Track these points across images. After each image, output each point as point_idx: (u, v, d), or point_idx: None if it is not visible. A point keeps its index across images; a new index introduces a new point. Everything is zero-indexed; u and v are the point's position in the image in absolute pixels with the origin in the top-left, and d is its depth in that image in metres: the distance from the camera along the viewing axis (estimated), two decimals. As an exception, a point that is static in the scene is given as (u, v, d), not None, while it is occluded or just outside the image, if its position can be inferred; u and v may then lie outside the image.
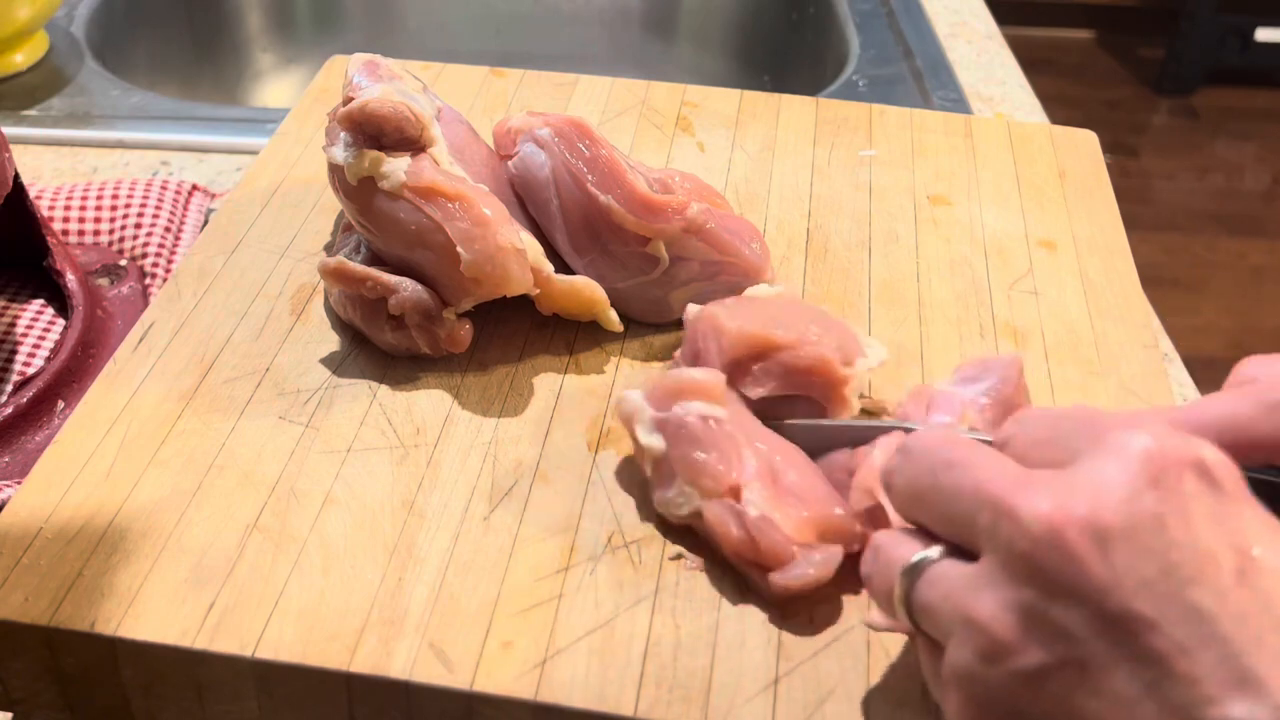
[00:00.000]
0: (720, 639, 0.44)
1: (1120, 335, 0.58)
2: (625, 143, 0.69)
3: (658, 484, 0.47)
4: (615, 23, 1.27)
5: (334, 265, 0.53)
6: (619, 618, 0.44)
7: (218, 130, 0.89)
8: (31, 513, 0.47)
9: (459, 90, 0.73)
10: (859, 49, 1.05)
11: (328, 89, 0.73)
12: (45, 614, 0.44)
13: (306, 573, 0.45)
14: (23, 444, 0.61)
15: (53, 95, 0.93)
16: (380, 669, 0.42)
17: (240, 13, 1.21)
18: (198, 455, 0.50)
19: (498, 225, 0.51)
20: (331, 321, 0.57)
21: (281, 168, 0.66)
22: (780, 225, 0.64)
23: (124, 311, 0.69)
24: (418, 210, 0.51)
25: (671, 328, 0.57)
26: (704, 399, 0.47)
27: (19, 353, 0.68)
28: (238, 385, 0.53)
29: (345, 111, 0.52)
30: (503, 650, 0.43)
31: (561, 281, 0.54)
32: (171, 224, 0.76)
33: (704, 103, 0.73)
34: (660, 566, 0.46)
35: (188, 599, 0.44)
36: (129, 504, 0.47)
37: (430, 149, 0.53)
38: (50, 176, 0.84)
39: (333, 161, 0.53)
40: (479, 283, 0.51)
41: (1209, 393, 0.60)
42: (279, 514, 0.47)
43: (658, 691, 0.42)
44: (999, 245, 0.64)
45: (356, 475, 0.49)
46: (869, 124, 0.72)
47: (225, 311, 0.57)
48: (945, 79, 1.00)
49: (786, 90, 0.77)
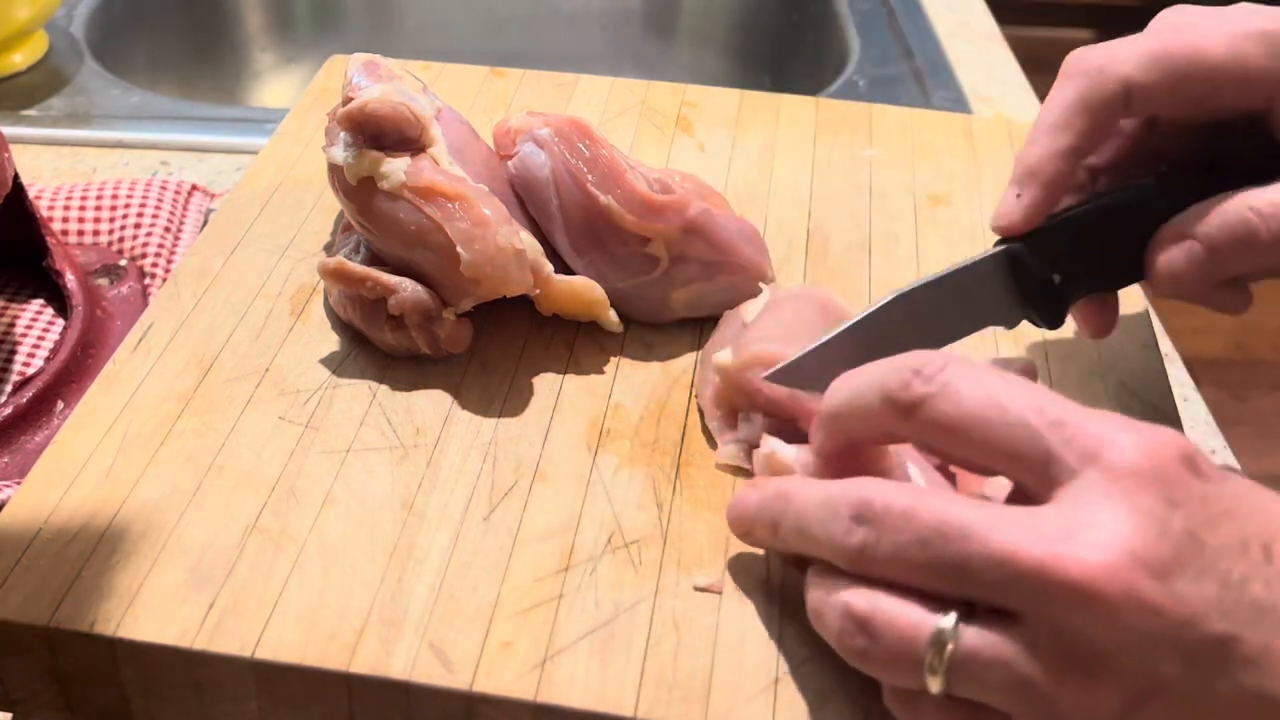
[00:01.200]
0: (720, 639, 0.44)
1: (1120, 335, 0.58)
2: (625, 143, 0.69)
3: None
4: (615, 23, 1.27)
5: (334, 265, 0.53)
6: (619, 618, 0.44)
7: (217, 130, 0.89)
8: (31, 513, 0.47)
9: (459, 90, 0.73)
10: (859, 49, 1.05)
11: (327, 89, 0.73)
12: (45, 614, 0.43)
13: (306, 573, 0.45)
14: (22, 444, 0.61)
15: (52, 95, 0.93)
16: (380, 669, 0.42)
17: (240, 13, 1.21)
18: (197, 455, 0.50)
19: (497, 225, 0.51)
20: (331, 321, 0.57)
21: (281, 168, 0.66)
22: (780, 225, 0.64)
23: (124, 311, 0.69)
24: (417, 210, 0.51)
25: (671, 328, 0.57)
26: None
27: (18, 353, 0.68)
28: (237, 385, 0.53)
29: (345, 111, 0.52)
30: (503, 650, 0.43)
31: (561, 281, 0.54)
32: (171, 224, 0.76)
33: (704, 103, 0.73)
34: (660, 566, 0.46)
35: (187, 599, 0.44)
36: (128, 504, 0.47)
37: (430, 149, 0.53)
38: (50, 176, 0.84)
39: (332, 161, 0.53)
40: (479, 283, 0.51)
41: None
42: (279, 514, 0.47)
43: (658, 691, 0.42)
44: (999, 245, 0.64)
45: (356, 475, 0.49)
46: (869, 124, 0.72)
47: (225, 311, 0.57)
48: (945, 79, 1.00)
49: (786, 90, 0.76)
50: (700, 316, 0.57)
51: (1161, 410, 0.54)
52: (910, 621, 0.35)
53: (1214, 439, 0.70)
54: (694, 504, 0.49)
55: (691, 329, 0.57)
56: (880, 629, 0.36)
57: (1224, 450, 0.69)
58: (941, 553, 0.34)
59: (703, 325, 0.57)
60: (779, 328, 0.50)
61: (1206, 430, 0.70)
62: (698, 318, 0.58)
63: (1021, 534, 0.33)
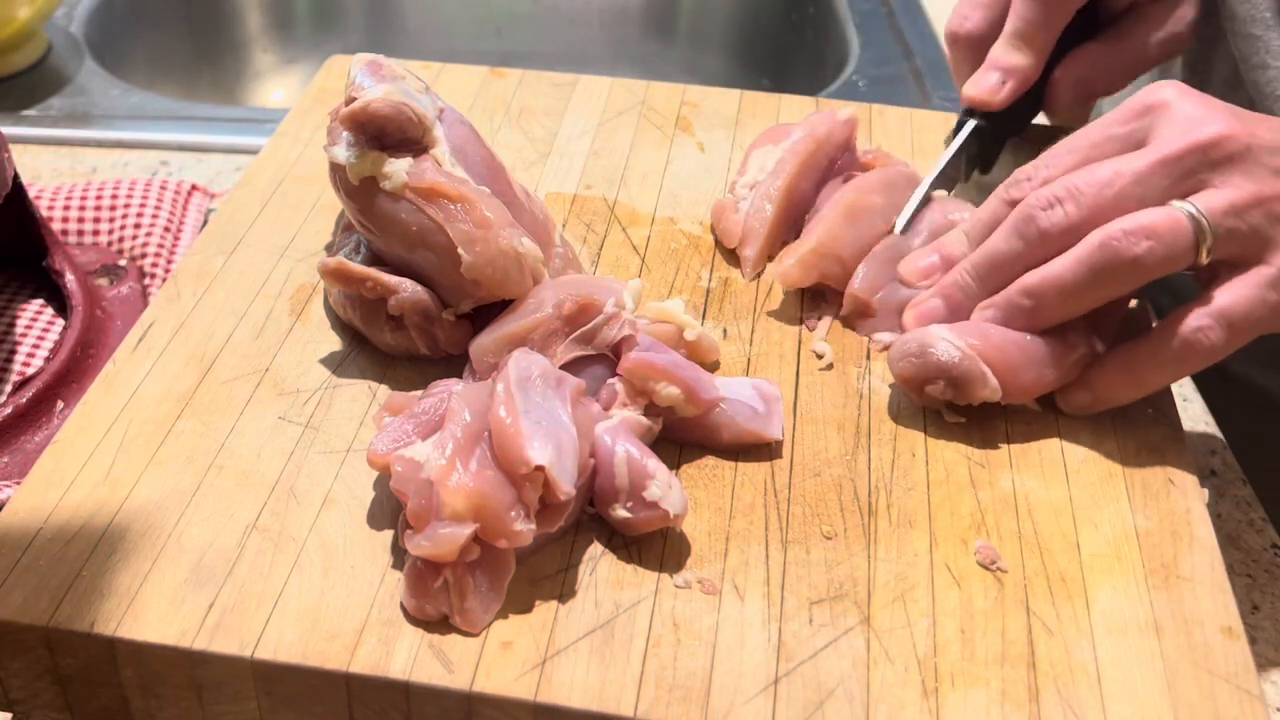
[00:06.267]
0: (720, 639, 0.44)
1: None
2: (625, 142, 0.69)
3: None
4: (615, 23, 1.27)
5: (334, 265, 0.53)
6: (619, 618, 0.44)
7: (217, 130, 0.89)
8: (31, 513, 0.47)
9: (459, 90, 0.73)
10: (859, 49, 1.05)
11: (327, 89, 0.73)
12: (45, 614, 0.43)
13: (306, 573, 0.45)
14: (22, 444, 0.61)
15: (52, 95, 0.93)
16: (380, 669, 0.42)
17: (240, 13, 1.21)
18: (197, 455, 0.50)
19: (499, 228, 0.51)
20: (331, 321, 0.57)
21: (281, 168, 0.66)
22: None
23: (123, 311, 0.69)
24: (419, 211, 0.51)
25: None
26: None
27: (18, 353, 0.68)
28: (237, 385, 0.53)
29: (348, 111, 0.52)
30: (503, 650, 0.43)
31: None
32: (171, 224, 0.76)
33: (704, 103, 0.73)
34: (660, 566, 0.46)
35: (187, 599, 0.44)
36: (128, 504, 0.47)
37: (432, 150, 0.53)
38: (49, 176, 0.84)
39: (334, 161, 0.53)
40: (479, 284, 0.51)
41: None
42: (278, 514, 0.47)
43: (658, 691, 0.42)
44: (999, 245, 0.63)
45: (356, 475, 0.49)
46: (869, 124, 0.72)
47: (225, 311, 0.57)
48: (945, 79, 1.00)
49: (786, 90, 0.77)
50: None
51: (1162, 410, 0.54)
52: (1167, 213, 0.49)
53: (1214, 438, 0.70)
54: (694, 504, 0.49)
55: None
56: (1156, 228, 0.49)
57: (1224, 450, 0.69)
58: (1113, 193, 0.50)
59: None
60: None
61: (1206, 430, 0.70)
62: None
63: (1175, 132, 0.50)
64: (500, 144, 0.69)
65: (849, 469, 0.51)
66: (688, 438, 0.51)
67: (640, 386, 0.50)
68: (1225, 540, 0.63)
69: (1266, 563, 0.62)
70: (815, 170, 0.62)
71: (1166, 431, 0.53)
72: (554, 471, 0.43)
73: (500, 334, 0.51)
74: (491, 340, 0.51)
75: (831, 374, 0.55)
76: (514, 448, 0.43)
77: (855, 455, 0.51)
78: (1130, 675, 0.44)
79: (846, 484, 0.50)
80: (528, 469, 0.43)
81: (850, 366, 0.56)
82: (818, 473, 0.50)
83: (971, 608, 0.46)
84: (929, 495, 0.50)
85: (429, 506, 0.43)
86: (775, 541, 0.48)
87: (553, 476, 0.43)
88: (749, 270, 0.60)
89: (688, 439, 0.51)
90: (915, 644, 0.44)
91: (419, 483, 0.44)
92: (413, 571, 0.44)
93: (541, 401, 0.45)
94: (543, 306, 0.51)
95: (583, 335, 0.51)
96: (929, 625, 0.45)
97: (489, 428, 0.45)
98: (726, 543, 0.47)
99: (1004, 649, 0.44)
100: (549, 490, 0.43)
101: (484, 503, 0.43)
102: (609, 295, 0.51)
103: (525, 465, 0.43)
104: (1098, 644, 0.45)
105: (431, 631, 0.44)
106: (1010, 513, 0.49)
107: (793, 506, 0.49)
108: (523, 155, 0.68)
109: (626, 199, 0.65)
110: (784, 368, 0.55)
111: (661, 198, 0.65)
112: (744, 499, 0.49)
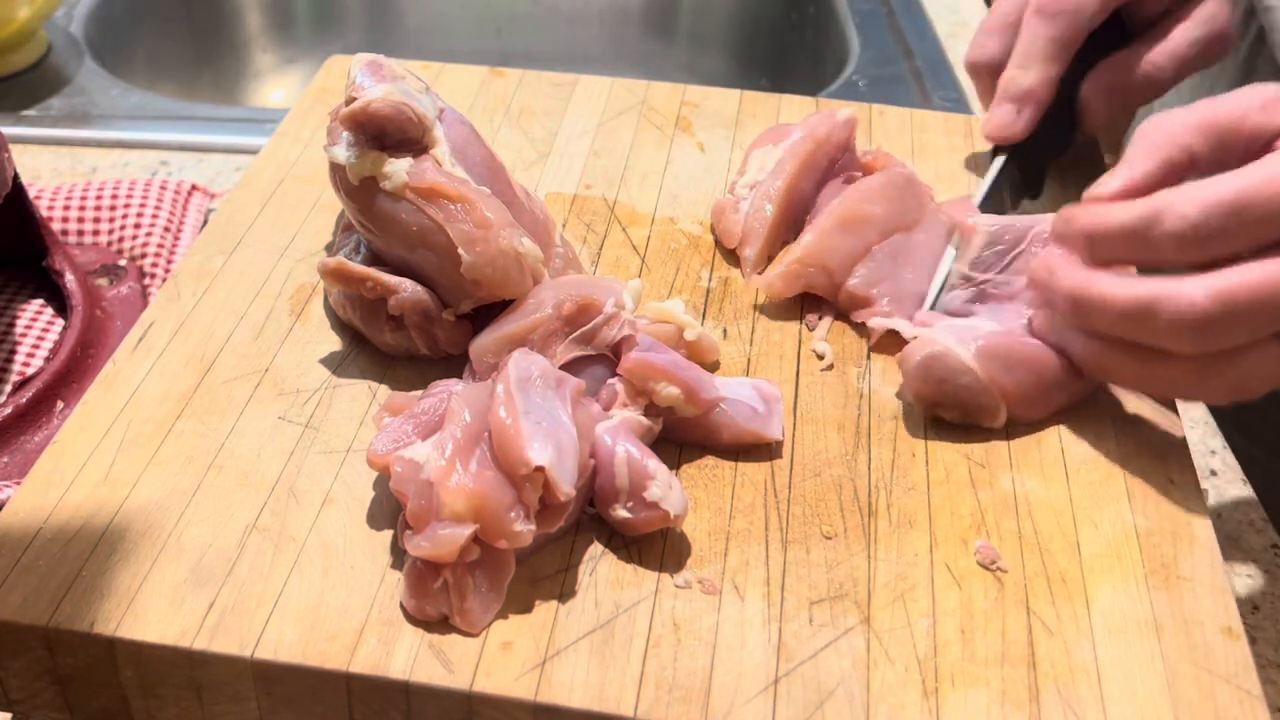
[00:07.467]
0: (720, 639, 0.44)
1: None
2: (625, 142, 0.69)
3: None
4: (615, 23, 1.27)
5: (334, 265, 0.53)
6: (619, 618, 0.44)
7: (217, 130, 0.89)
8: (30, 513, 0.47)
9: (459, 90, 0.73)
10: (859, 49, 1.05)
11: (327, 89, 0.73)
12: (44, 614, 0.43)
13: (306, 573, 0.45)
14: (22, 444, 0.61)
15: (52, 95, 0.93)
16: (380, 669, 0.42)
17: (240, 13, 1.21)
18: (197, 455, 0.50)
19: (499, 228, 0.51)
20: (331, 321, 0.57)
21: (281, 168, 0.66)
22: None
23: (123, 311, 0.69)
24: (420, 211, 0.51)
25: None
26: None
27: (18, 353, 0.68)
28: (237, 385, 0.53)
29: (348, 111, 0.52)
30: (503, 650, 0.43)
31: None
32: (171, 224, 0.76)
33: (704, 103, 0.73)
34: (660, 565, 0.46)
35: (187, 599, 0.44)
36: (128, 504, 0.47)
37: (433, 150, 0.53)
38: (49, 176, 0.84)
39: (335, 161, 0.53)
40: (479, 285, 0.51)
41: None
42: (278, 514, 0.47)
43: (658, 692, 0.42)
44: (999, 245, 0.63)
45: (356, 475, 0.49)
46: (869, 124, 0.72)
47: (225, 311, 0.57)
48: (945, 79, 1.00)
49: (786, 90, 0.76)
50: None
51: (1161, 410, 0.54)
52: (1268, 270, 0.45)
53: (1214, 438, 0.70)
54: (694, 504, 0.49)
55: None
56: (1256, 290, 0.45)
57: (1224, 450, 0.69)
58: (1235, 203, 0.45)
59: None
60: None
61: (1206, 430, 0.71)
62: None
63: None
64: (500, 144, 0.69)
65: (849, 469, 0.51)
66: (688, 438, 0.51)
67: (640, 387, 0.50)
68: (1225, 540, 0.63)
69: (1266, 563, 0.62)
70: (815, 170, 0.62)
71: (1166, 431, 0.53)
72: (554, 472, 0.43)
73: (500, 334, 0.51)
74: (491, 340, 0.51)
75: (831, 374, 0.55)
76: (514, 448, 0.43)
77: (855, 455, 0.51)
78: (1130, 675, 0.44)
79: (846, 484, 0.50)
80: (528, 469, 0.43)
81: (850, 366, 0.56)
82: (818, 473, 0.50)
83: (971, 608, 0.46)
84: (929, 495, 0.50)
85: (429, 507, 0.43)
86: (775, 541, 0.48)
87: (553, 477, 0.43)
88: (749, 270, 0.60)
89: (688, 439, 0.51)
90: (915, 644, 0.44)
91: (419, 483, 0.44)
92: (412, 572, 0.44)
93: (541, 402, 0.46)
94: (543, 307, 0.51)
95: (583, 335, 0.51)
96: (929, 625, 0.45)
97: (489, 428, 0.45)
98: (726, 543, 0.47)
99: (1004, 649, 0.44)
100: (549, 491, 0.43)
101: (484, 503, 0.43)
102: (609, 295, 0.51)
103: (525, 466, 0.43)
104: (1098, 644, 0.45)
105: (431, 631, 0.44)
106: (1010, 513, 0.49)
107: (793, 506, 0.49)
108: (523, 155, 0.68)
109: (626, 199, 0.65)
110: (784, 368, 0.56)
111: (661, 198, 0.65)
112: (744, 499, 0.49)
